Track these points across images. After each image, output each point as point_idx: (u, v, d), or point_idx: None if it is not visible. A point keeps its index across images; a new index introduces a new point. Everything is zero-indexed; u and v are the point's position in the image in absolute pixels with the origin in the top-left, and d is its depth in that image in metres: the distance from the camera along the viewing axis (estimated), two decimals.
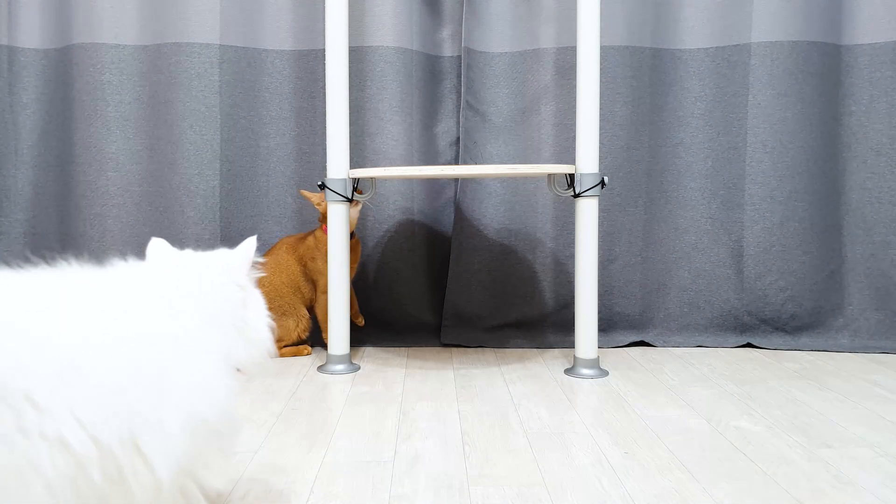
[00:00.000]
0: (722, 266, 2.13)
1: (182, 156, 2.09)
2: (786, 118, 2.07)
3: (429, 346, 2.13)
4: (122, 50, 2.09)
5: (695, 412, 1.50)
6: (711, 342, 2.11)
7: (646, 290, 2.17)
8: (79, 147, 2.10)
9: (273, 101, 2.15)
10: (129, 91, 2.10)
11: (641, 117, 2.13)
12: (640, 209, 2.15)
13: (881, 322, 2.08)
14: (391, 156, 2.11)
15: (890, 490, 1.11)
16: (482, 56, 2.13)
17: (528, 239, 2.16)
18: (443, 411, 1.51)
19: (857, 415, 1.48)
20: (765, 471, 1.19)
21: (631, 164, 2.13)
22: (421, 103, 2.16)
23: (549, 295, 2.17)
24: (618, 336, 2.14)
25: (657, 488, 1.12)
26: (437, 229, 2.22)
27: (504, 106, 2.14)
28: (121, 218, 2.10)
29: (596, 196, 1.78)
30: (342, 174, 1.82)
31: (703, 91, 2.12)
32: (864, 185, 2.10)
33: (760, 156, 2.09)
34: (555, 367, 1.89)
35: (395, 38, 2.09)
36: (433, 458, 1.25)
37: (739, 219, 2.11)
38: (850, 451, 1.27)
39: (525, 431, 1.38)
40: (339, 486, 1.13)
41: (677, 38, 2.12)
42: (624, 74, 2.10)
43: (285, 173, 2.16)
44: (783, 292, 2.10)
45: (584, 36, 1.77)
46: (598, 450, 1.29)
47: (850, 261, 2.12)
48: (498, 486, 1.13)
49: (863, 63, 2.07)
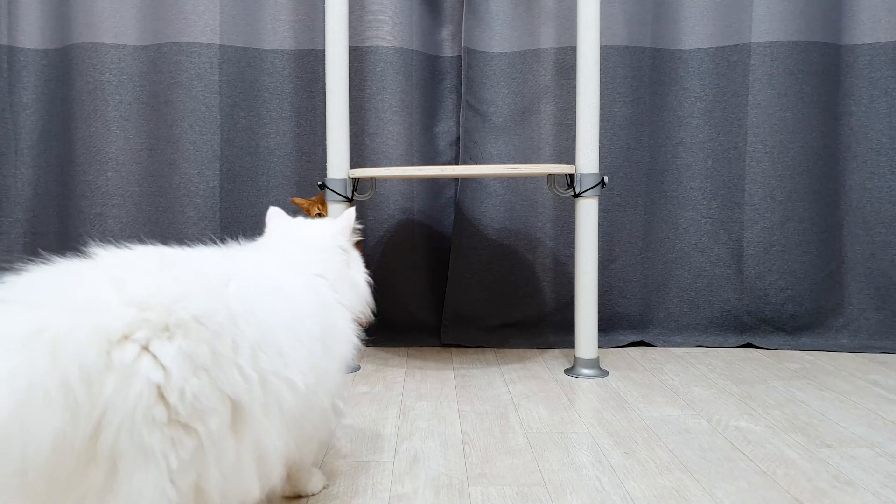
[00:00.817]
0: (722, 266, 2.13)
1: (182, 156, 2.09)
2: (786, 118, 2.07)
3: (429, 345, 2.13)
4: (121, 50, 2.09)
5: (695, 412, 1.50)
6: (711, 342, 2.11)
7: (646, 290, 2.17)
8: (79, 147, 2.10)
9: (273, 100, 2.15)
10: (129, 91, 2.10)
11: (641, 117, 2.13)
12: (640, 209, 2.15)
13: (881, 322, 2.08)
14: (391, 156, 2.11)
15: (890, 490, 1.11)
16: (482, 56, 2.13)
17: (528, 239, 2.16)
18: (443, 411, 1.51)
19: (857, 415, 1.48)
20: (765, 470, 1.19)
21: (631, 164, 2.13)
22: (421, 103, 2.16)
23: (549, 295, 2.17)
24: (618, 336, 2.14)
25: (657, 488, 1.12)
26: (437, 229, 2.22)
27: (504, 106, 2.14)
28: (121, 218, 2.10)
29: (596, 196, 1.78)
30: (342, 174, 1.82)
31: (703, 91, 2.12)
32: (864, 185, 2.10)
33: (760, 156, 2.09)
34: (555, 366, 1.89)
35: (395, 37, 2.09)
36: (433, 457, 1.25)
37: (739, 218, 2.11)
38: (850, 451, 1.27)
39: (525, 431, 1.38)
40: (339, 486, 1.13)
41: (677, 37, 2.12)
42: (624, 74, 2.10)
43: (285, 173, 2.16)
44: (783, 292, 2.10)
45: (584, 36, 1.76)
46: (598, 450, 1.29)
47: (851, 260, 2.12)
48: (498, 486, 1.13)
49: (863, 63, 2.07)
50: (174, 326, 0.70)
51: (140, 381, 0.66)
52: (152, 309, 0.70)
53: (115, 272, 0.73)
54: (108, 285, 0.70)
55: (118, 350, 0.66)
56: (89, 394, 0.63)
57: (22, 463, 0.59)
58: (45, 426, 0.60)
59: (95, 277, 0.72)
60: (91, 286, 0.70)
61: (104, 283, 0.71)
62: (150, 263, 0.77)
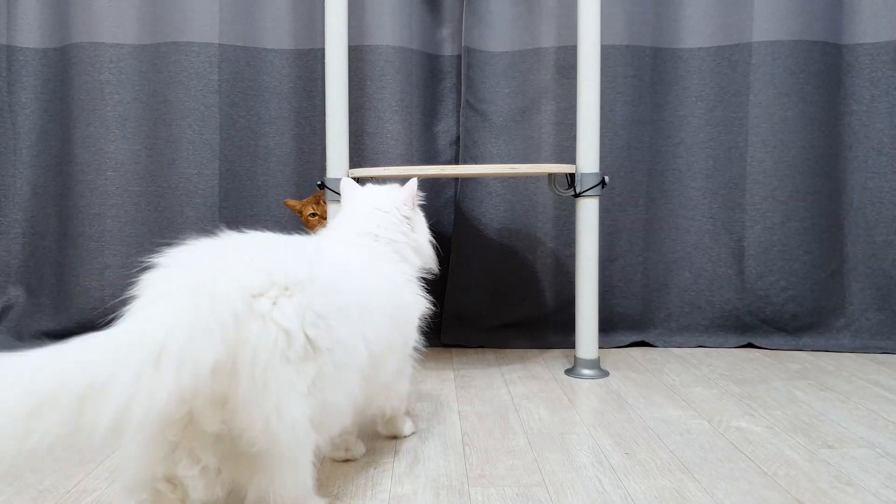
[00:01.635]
0: (723, 266, 2.13)
1: (181, 155, 2.09)
2: (787, 118, 2.06)
3: (429, 346, 2.13)
4: (120, 49, 2.08)
5: (695, 412, 1.49)
6: (712, 342, 2.10)
7: (646, 290, 2.16)
8: (77, 146, 2.10)
9: (272, 100, 2.14)
10: (128, 90, 2.09)
11: (642, 117, 2.13)
12: (640, 209, 2.15)
13: (882, 322, 2.08)
14: (391, 155, 2.11)
15: (891, 490, 1.10)
16: (482, 55, 2.12)
17: (528, 239, 2.16)
18: (443, 411, 1.51)
19: (858, 415, 1.47)
20: (765, 471, 1.18)
21: (631, 164, 2.13)
22: (421, 102, 2.15)
23: (550, 295, 2.16)
24: (618, 336, 2.13)
25: (658, 489, 1.11)
26: (437, 229, 2.22)
27: (504, 105, 2.13)
28: (119, 217, 2.10)
29: (596, 196, 1.78)
30: (342, 174, 1.82)
31: (703, 90, 2.11)
32: (865, 185, 2.09)
33: (761, 155, 2.08)
34: (555, 367, 1.88)
35: (394, 37, 2.08)
36: (433, 458, 1.25)
37: (740, 218, 2.11)
38: (851, 452, 1.27)
39: (525, 432, 1.38)
40: (339, 486, 1.13)
41: (678, 37, 2.11)
42: (625, 74, 2.10)
43: (284, 173, 2.16)
44: (784, 292, 2.09)
45: (584, 35, 1.76)
46: (598, 450, 1.28)
47: (852, 260, 2.12)
48: (498, 487, 1.12)
49: (864, 62, 2.07)
50: (292, 287, 0.91)
51: (275, 328, 0.87)
52: (275, 274, 0.90)
53: (243, 248, 0.95)
54: (242, 257, 0.91)
55: (256, 303, 0.87)
56: (238, 333, 0.83)
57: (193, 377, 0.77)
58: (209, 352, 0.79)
59: (230, 251, 0.93)
60: (229, 257, 0.91)
61: (239, 255, 0.92)
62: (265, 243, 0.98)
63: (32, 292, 2.14)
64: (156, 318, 0.79)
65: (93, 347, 0.74)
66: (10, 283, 2.14)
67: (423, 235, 1.31)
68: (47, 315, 2.12)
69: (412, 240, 1.28)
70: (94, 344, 0.74)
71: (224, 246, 0.95)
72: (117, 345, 0.76)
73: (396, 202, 1.27)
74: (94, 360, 0.72)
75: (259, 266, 0.90)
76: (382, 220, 1.25)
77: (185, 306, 0.81)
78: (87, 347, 0.74)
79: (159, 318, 0.79)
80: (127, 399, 0.72)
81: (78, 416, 0.69)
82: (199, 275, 0.86)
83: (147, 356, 0.75)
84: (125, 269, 2.09)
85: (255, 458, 0.87)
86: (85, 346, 0.74)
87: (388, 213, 1.26)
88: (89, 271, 2.09)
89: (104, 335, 0.76)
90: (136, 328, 0.79)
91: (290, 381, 0.88)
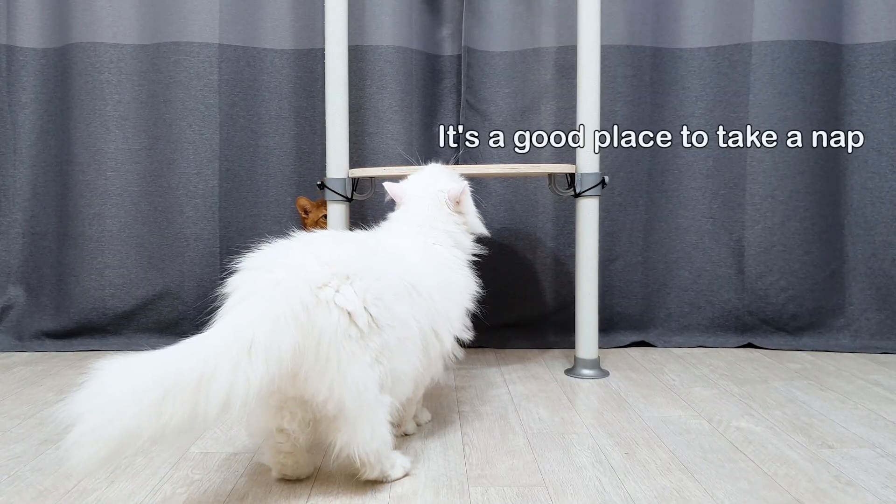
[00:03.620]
0: (723, 266, 2.13)
1: (181, 155, 2.09)
2: (787, 117, 2.06)
3: None
4: (120, 49, 2.08)
5: (695, 412, 1.49)
6: (712, 342, 2.10)
7: (646, 290, 2.16)
8: (77, 146, 2.10)
9: (272, 100, 2.14)
10: (128, 90, 2.09)
11: (642, 116, 2.13)
12: (640, 209, 2.15)
13: (882, 322, 2.08)
14: (391, 155, 2.11)
15: (891, 490, 1.10)
16: (482, 55, 2.12)
17: (528, 239, 2.16)
18: (443, 411, 1.51)
19: (858, 415, 1.47)
20: (765, 471, 1.18)
21: (632, 164, 2.13)
22: (421, 102, 2.15)
23: (550, 295, 2.16)
24: (618, 336, 2.13)
25: (658, 489, 1.11)
26: None
27: (504, 105, 2.13)
28: (119, 217, 2.10)
29: (596, 196, 1.78)
30: (342, 174, 1.82)
31: (703, 90, 2.11)
32: (865, 185, 2.09)
33: (761, 155, 2.08)
34: (555, 367, 1.88)
35: (394, 37, 2.08)
36: (433, 458, 1.25)
37: (740, 218, 2.11)
38: (851, 452, 1.27)
39: (525, 432, 1.38)
40: (339, 486, 1.13)
41: (678, 37, 2.11)
42: (625, 73, 2.10)
43: (284, 173, 2.16)
44: (784, 292, 2.09)
45: (584, 35, 1.76)
46: (598, 450, 1.28)
47: (852, 260, 2.12)
48: (498, 487, 1.12)
49: (864, 62, 2.07)
50: (352, 275, 1.07)
51: (337, 311, 1.03)
52: (337, 266, 1.06)
53: (309, 246, 1.09)
54: (308, 254, 1.07)
55: (322, 292, 1.03)
56: (309, 320, 1.01)
57: (278, 362, 0.96)
58: (288, 339, 0.97)
59: (298, 250, 1.09)
60: (297, 255, 1.07)
61: (305, 253, 1.07)
62: (329, 240, 1.13)
63: (32, 292, 2.14)
64: (244, 317, 0.98)
65: (200, 346, 0.94)
66: (10, 283, 2.14)
67: (472, 215, 1.46)
68: (47, 315, 2.12)
69: (463, 224, 1.43)
70: (199, 343, 0.95)
71: (292, 245, 1.11)
72: (217, 342, 0.95)
73: (450, 200, 1.41)
74: (202, 356, 0.92)
75: (323, 260, 1.06)
76: (438, 214, 1.40)
77: (265, 304, 0.99)
78: (196, 345, 0.94)
79: (247, 316, 0.98)
80: (230, 385, 0.92)
81: (195, 401, 0.89)
82: (275, 274, 1.03)
83: (241, 349, 0.94)
84: (125, 269, 2.09)
85: (334, 418, 1.06)
86: (194, 344, 0.95)
87: (441, 208, 1.41)
88: (89, 271, 2.09)
89: (206, 335, 0.96)
90: (230, 327, 0.97)
91: (353, 353, 1.04)
